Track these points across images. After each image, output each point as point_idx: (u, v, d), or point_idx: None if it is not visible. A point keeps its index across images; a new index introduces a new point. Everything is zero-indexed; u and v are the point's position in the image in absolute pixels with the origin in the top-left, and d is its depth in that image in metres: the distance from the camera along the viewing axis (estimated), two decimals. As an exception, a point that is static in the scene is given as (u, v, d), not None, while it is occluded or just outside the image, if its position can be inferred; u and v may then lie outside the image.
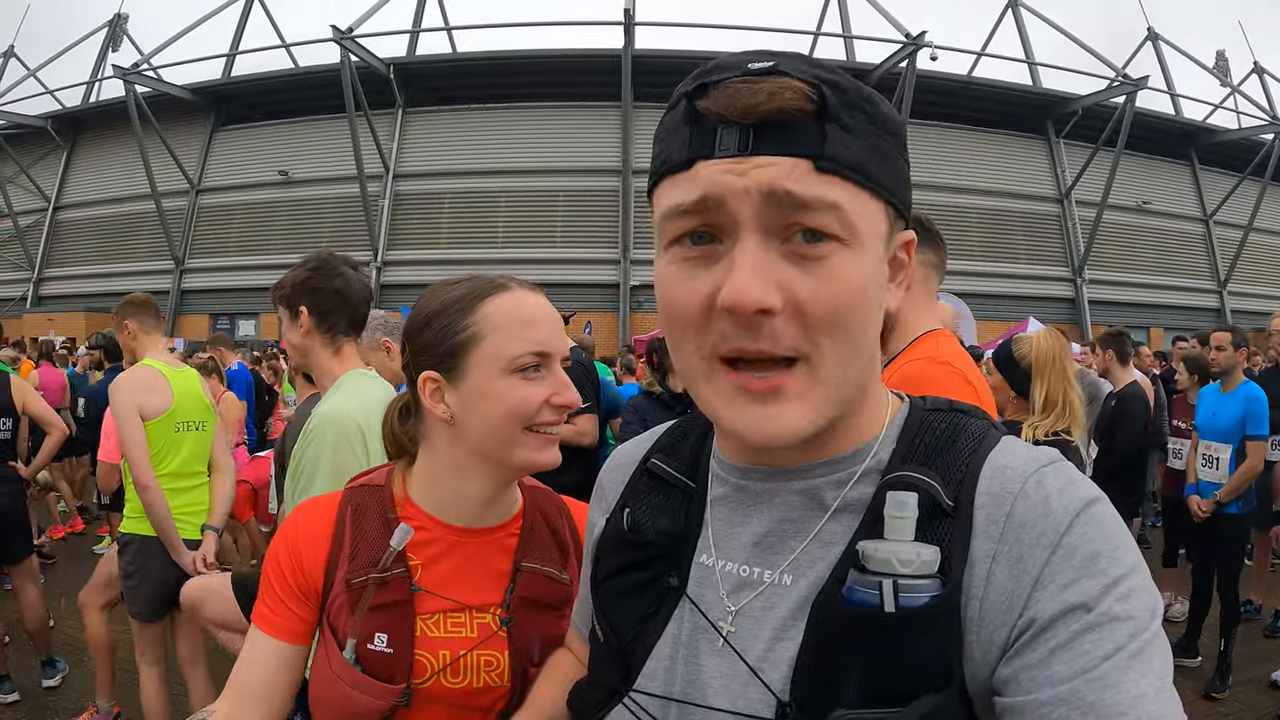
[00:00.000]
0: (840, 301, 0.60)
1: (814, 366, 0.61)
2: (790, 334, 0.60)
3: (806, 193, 0.58)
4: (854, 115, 0.61)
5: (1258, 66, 23.76)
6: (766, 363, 0.61)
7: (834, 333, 0.60)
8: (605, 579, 0.81)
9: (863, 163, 0.61)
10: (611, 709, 0.75)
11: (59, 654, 4.44)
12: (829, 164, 0.59)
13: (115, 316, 3.49)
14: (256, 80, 22.06)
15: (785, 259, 0.60)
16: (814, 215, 0.59)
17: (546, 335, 1.11)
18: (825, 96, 0.59)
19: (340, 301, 2.17)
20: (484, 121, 21.18)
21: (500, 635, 1.11)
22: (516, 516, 1.21)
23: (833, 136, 0.59)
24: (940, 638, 0.58)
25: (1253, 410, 4.38)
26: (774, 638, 0.66)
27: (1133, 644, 0.54)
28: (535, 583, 1.16)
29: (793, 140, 0.59)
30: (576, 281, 19.55)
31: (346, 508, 1.15)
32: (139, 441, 3.14)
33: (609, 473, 0.92)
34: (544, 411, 1.10)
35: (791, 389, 0.61)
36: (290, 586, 1.11)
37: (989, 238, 20.97)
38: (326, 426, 1.91)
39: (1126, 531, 0.61)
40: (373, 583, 1.07)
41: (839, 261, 0.60)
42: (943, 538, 0.61)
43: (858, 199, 0.61)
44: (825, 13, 23.50)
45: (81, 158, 24.01)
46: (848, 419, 0.68)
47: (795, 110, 0.58)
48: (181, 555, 3.19)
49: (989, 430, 0.69)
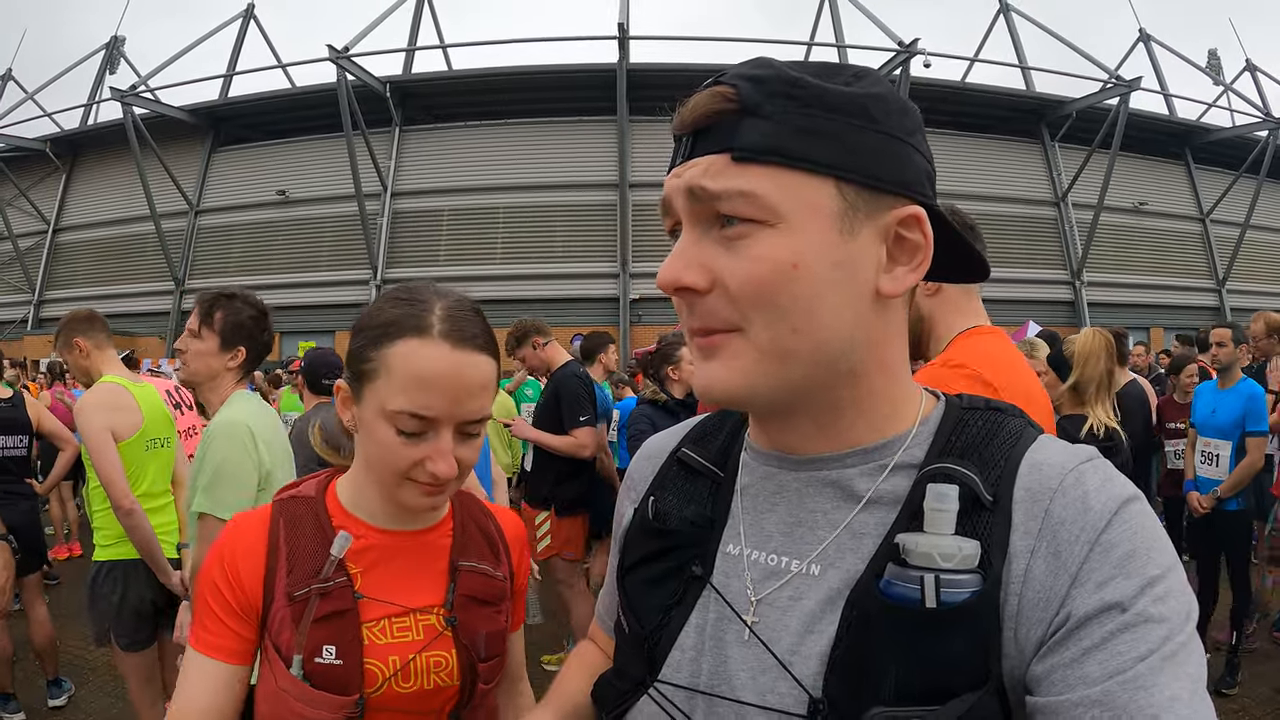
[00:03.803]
0: (759, 277, 0.63)
1: (749, 336, 0.65)
2: (722, 308, 0.65)
3: (715, 185, 0.64)
4: (775, 102, 0.63)
5: (1250, 64, 23.84)
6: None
7: (760, 306, 0.64)
8: (630, 568, 0.81)
9: (782, 146, 0.63)
10: (637, 700, 0.74)
11: (65, 674, 4.42)
12: (741, 153, 0.63)
13: (60, 338, 3.28)
14: (253, 100, 22.12)
15: (716, 244, 0.65)
16: (726, 203, 0.64)
17: (436, 401, 1.02)
18: (740, 92, 0.63)
19: (264, 354, 2.50)
20: (481, 138, 21.22)
21: (446, 635, 1.11)
22: (447, 518, 1.21)
23: (746, 127, 0.63)
24: (979, 634, 0.58)
25: (1253, 407, 4.40)
26: (804, 630, 0.65)
27: (1167, 646, 0.54)
28: (474, 581, 1.16)
29: (714, 139, 0.64)
30: (576, 296, 19.56)
31: (279, 520, 1.12)
32: (116, 463, 3.00)
33: (639, 463, 0.92)
34: (417, 471, 1.05)
35: (727, 350, 0.66)
36: (228, 604, 1.08)
37: (987, 242, 20.89)
38: (223, 431, 2.24)
39: (1163, 531, 0.61)
40: (315, 594, 1.05)
41: (757, 241, 0.63)
42: (982, 532, 0.61)
43: (781, 180, 0.63)
44: (818, 23, 23.62)
45: (80, 180, 24.04)
46: (859, 404, 0.69)
47: (716, 113, 0.64)
48: (168, 576, 3.07)
49: (1025, 428, 0.69)
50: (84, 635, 3.99)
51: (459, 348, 1.04)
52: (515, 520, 1.33)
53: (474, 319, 1.08)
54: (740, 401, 0.69)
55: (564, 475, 4.35)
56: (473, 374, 1.05)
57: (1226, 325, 4.68)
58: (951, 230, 0.70)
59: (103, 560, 3.17)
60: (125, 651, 3.13)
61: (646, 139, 19.79)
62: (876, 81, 0.67)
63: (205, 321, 2.39)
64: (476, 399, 1.06)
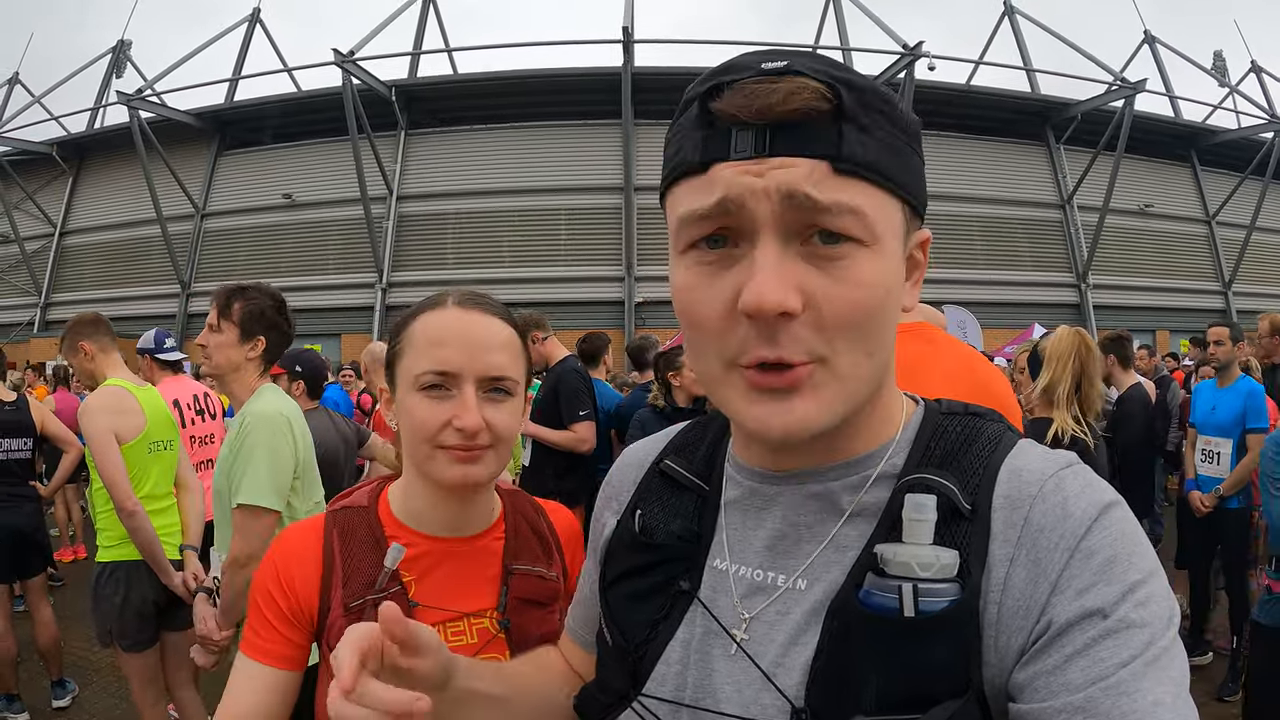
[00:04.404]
0: (858, 304, 0.60)
1: (830, 366, 0.61)
2: (807, 338, 0.60)
3: (825, 196, 0.58)
4: (871, 115, 0.60)
5: (1255, 65, 23.70)
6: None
7: (850, 334, 0.60)
8: (615, 581, 0.80)
9: (880, 163, 0.60)
10: (620, 713, 0.74)
11: (69, 675, 4.44)
12: (847, 165, 0.59)
13: (65, 341, 3.32)
14: (259, 104, 22.15)
15: (804, 260, 0.60)
16: (833, 218, 0.59)
17: (452, 354, 1.07)
18: (841, 96, 0.58)
19: (286, 344, 2.54)
20: (486, 141, 21.24)
21: (500, 638, 1.12)
22: (498, 521, 1.22)
23: (849, 137, 0.59)
24: (959, 642, 0.58)
25: (1252, 404, 4.40)
26: (789, 643, 0.66)
27: (1149, 651, 0.54)
28: (527, 583, 1.17)
29: (810, 141, 0.58)
30: (581, 299, 19.54)
31: (332, 530, 1.14)
32: (119, 466, 3.05)
33: (620, 471, 0.91)
34: (447, 433, 1.06)
35: (807, 384, 0.61)
36: (281, 611, 1.10)
37: (992, 245, 20.92)
38: (259, 421, 2.27)
39: (1144, 536, 0.61)
40: (370, 604, 1.06)
41: (857, 263, 0.60)
42: (961, 541, 0.61)
43: (875, 199, 0.61)
44: (823, 25, 23.61)
45: (87, 183, 24.13)
46: (862, 419, 0.68)
47: (812, 111, 0.58)
48: (170, 577, 3.12)
49: (1004, 433, 0.69)
50: (88, 636, 4.00)
51: (469, 309, 1.12)
52: (568, 516, 1.33)
53: (486, 296, 1.17)
54: (817, 436, 0.63)
55: (563, 469, 4.40)
56: (485, 329, 1.10)
57: (1224, 324, 4.67)
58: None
59: (105, 561, 3.20)
60: (127, 652, 3.16)
61: (652, 142, 19.73)
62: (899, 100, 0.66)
63: (223, 314, 2.41)
64: (494, 354, 1.10)
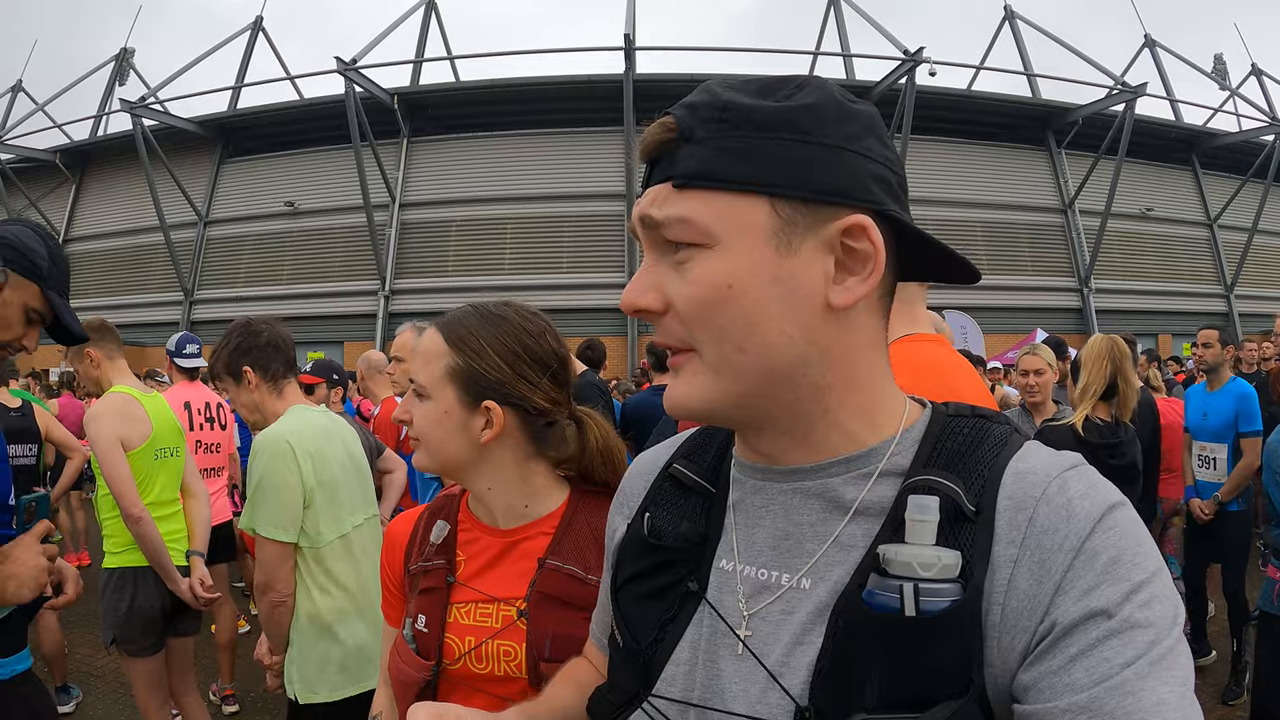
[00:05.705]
0: (696, 299, 0.66)
1: (701, 356, 0.68)
2: (677, 329, 0.69)
3: (662, 213, 0.67)
4: (706, 127, 0.66)
5: (1256, 68, 23.72)
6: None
7: (704, 327, 0.67)
8: (625, 583, 0.81)
9: (711, 170, 0.65)
10: (630, 713, 0.75)
11: (73, 680, 4.45)
12: (680, 180, 0.67)
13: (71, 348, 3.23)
14: (262, 112, 22.26)
15: (670, 268, 0.69)
16: (669, 230, 0.67)
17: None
18: (679, 120, 0.67)
19: (274, 350, 2.52)
20: (488, 149, 21.30)
21: (519, 627, 1.17)
22: (552, 515, 1.26)
23: (683, 155, 0.67)
24: (960, 643, 0.58)
25: (1244, 407, 4.34)
26: (793, 642, 0.66)
27: (1153, 651, 0.54)
28: (557, 580, 1.19)
29: (662, 169, 0.69)
30: (584, 306, 19.54)
31: (428, 510, 1.35)
32: (125, 473, 3.07)
33: (631, 478, 0.93)
34: None
35: (686, 369, 0.70)
36: (387, 581, 1.35)
37: (994, 251, 20.92)
38: (264, 447, 2.32)
39: (1149, 537, 0.61)
40: (419, 571, 1.26)
41: (698, 264, 0.66)
42: (964, 543, 0.61)
43: (716, 204, 0.65)
44: (824, 32, 23.68)
45: (90, 191, 24.21)
46: (823, 415, 0.70)
47: (661, 143, 0.68)
48: (177, 583, 3.13)
49: (1010, 435, 0.69)
50: (92, 642, 4.00)
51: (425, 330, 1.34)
52: None
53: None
54: (700, 416, 0.72)
55: None
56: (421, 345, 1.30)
57: (1214, 327, 4.62)
58: (920, 231, 0.69)
59: (112, 568, 3.20)
60: (132, 657, 3.16)
61: (653, 148, 19.76)
62: (815, 90, 0.67)
63: (215, 376, 2.54)
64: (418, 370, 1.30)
